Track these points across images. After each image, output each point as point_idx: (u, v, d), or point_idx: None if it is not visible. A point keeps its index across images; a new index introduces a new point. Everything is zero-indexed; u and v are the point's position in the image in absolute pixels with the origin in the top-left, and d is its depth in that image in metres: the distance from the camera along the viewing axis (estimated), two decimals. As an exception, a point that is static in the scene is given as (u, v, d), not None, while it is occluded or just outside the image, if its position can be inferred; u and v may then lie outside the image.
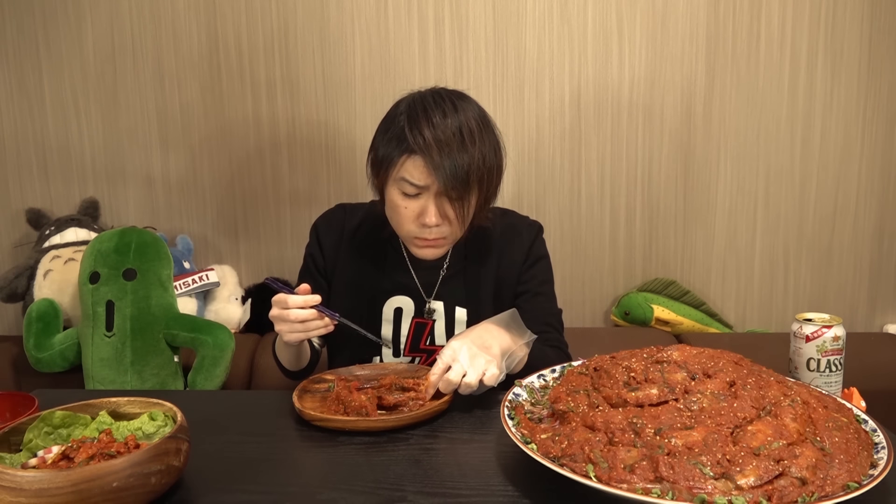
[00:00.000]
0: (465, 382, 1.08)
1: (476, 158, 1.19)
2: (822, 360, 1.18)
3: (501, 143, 1.27)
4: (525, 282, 1.39)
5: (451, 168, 1.16)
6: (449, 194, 1.19)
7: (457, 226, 1.25)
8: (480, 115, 1.24)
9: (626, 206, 2.40)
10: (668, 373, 0.91)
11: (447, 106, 1.20)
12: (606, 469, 0.78)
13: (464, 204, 1.21)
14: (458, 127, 1.18)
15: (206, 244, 2.42)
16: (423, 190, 1.21)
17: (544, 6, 2.29)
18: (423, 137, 1.17)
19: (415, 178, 1.19)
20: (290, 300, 1.17)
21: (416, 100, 1.23)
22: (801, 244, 2.42)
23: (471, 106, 1.24)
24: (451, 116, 1.19)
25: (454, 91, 1.27)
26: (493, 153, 1.23)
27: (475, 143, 1.19)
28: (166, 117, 2.36)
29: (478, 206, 1.25)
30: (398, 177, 1.21)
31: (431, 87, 1.27)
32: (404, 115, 1.21)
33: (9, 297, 2.13)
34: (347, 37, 2.31)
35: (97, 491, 0.76)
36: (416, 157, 1.18)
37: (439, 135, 1.17)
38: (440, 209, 1.22)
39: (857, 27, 2.29)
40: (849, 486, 0.76)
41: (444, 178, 1.17)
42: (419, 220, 1.23)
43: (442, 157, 1.16)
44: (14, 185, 2.39)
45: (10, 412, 1.07)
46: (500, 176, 1.28)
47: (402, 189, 1.22)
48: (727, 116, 2.34)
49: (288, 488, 0.89)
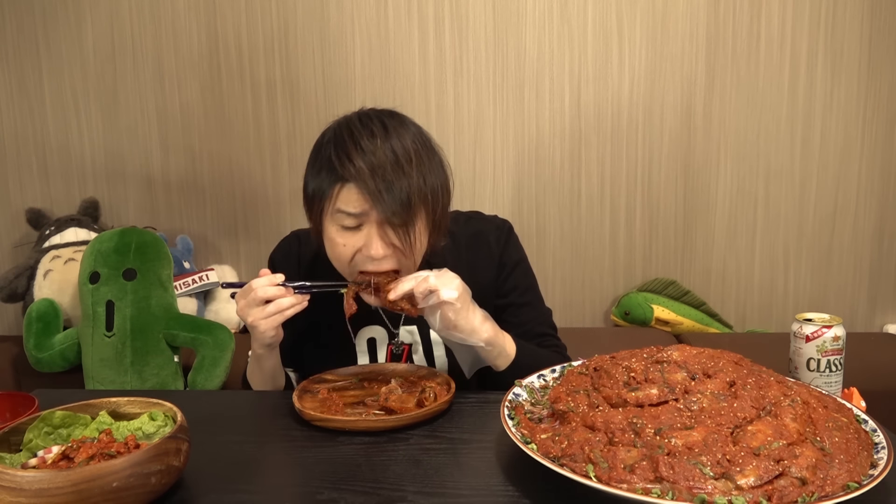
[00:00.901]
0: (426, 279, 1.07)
1: (416, 179, 1.09)
2: (822, 360, 1.18)
3: (444, 160, 1.18)
4: (506, 294, 1.31)
5: (389, 192, 1.07)
6: (391, 221, 1.09)
7: (408, 256, 1.14)
8: (416, 135, 1.15)
9: (626, 206, 2.40)
10: (668, 373, 0.91)
11: (376, 127, 1.12)
12: (606, 469, 0.78)
13: (409, 231, 1.11)
14: (391, 148, 1.09)
15: (206, 244, 2.42)
16: (362, 219, 1.11)
17: (544, 6, 2.29)
18: (353, 164, 1.08)
19: (351, 208, 1.09)
20: (253, 283, 1.10)
21: (342, 125, 1.14)
22: (801, 244, 2.42)
23: (404, 126, 1.15)
24: (380, 138, 1.10)
25: (384, 111, 1.18)
26: (434, 173, 1.14)
27: (412, 164, 1.10)
28: (166, 117, 2.36)
29: (428, 232, 1.15)
30: (333, 210, 1.11)
31: (359, 110, 1.18)
32: (331, 144, 1.12)
33: (9, 297, 2.13)
34: (347, 37, 2.31)
35: (97, 491, 0.76)
36: (348, 185, 1.09)
37: (370, 159, 1.08)
38: (385, 239, 1.11)
39: (857, 27, 2.29)
40: (849, 486, 0.76)
41: (383, 203, 1.07)
42: (363, 253, 1.12)
43: (377, 182, 1.07)
44: (14, 185, 2.39)
45: (10, 412, 1.07)
46: (447, 197, 1.18)
47: (339, 223, 1.12)
48: (727, 116, 2.34)
49: (288, 488, 0.89)
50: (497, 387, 1.19)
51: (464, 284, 1.11)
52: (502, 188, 2.39)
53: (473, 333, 1.12)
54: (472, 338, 1.12)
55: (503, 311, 1.31)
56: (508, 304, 1.32)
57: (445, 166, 1.18)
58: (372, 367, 1.29)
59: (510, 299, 1.32)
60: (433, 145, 1.18)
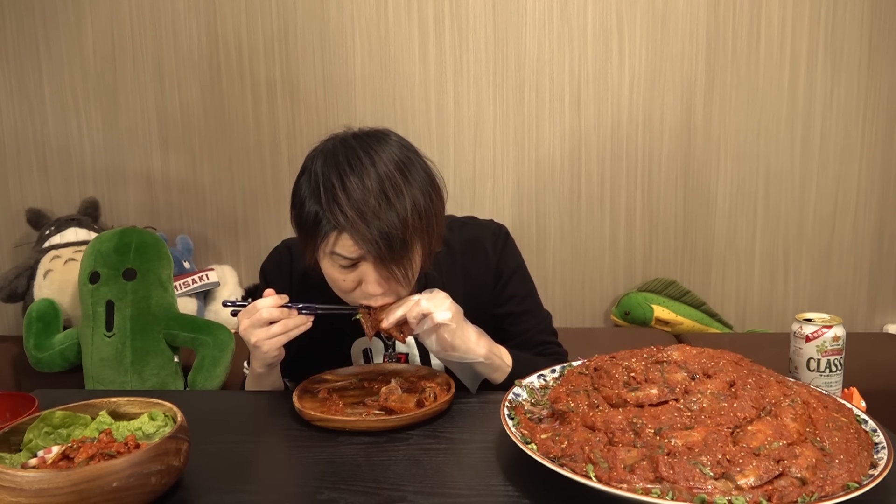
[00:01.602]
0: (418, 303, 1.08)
1: (409, 212, 1.07)
2: (822, 360, 1.18)
3: (434, 177, 1.15)
4: (503, 303, 1.30)
5: (383, 236, 1.05)
6: (385, 261, 1.08)
7: (404, 285, 1.14)
8: (401, 158, 1.11)
9: (626, 206, 2.40)
10: (668, 373, 0.91)
11: (364, 162, 1.08)
12: (606, 469, 0.78)
13: (405, 264, 1.10)
14: (380, 185, 1.06)
15: (206, 244, 2.42)
16: (359, 260, 1.10)
17: (544, 6, 2.29)
18: (345, 214, 1.05)
19: (347, 252, 1.08)
20: (258, 303, 1.09)
21: (329, 163, 1.10)
22: (801, 244, 2.42)
23: (388, 148, 1.11)
24: (367, 176, 1.07)
25: (368, 134, 1.14)
26: (424, 196, 1.11)
27: (401, 195, 1.07)
28: (166, 117, 2.36)
29: (423, 253, 1.14)
30: (329, 252, 1.10)
31: (343, 135, 1.15)
32: (321, 189, 1.08)
33: (9, 297, 2.13)
34: (347, 37, 2.31)
35: (97, 491, 0.76)
36: (343, 234, 1.07)
37: (361, 206, 1.05)
38: (382, 276, 1.11)
39: (857, 27, 2.29)
40: (849, 486, 0.76)
41: (378, 249, 1.06)
42: (362, 290, 1.13)
43: (370, 228, 1.05)
44: (14, 185, 2.39)
45: (10, 412, 1.07)
46: (440, 218, 1.15)
47: (336, 262, 1.11)
48: (727, 116, 2.34)
49: (288, 488, 0.89)
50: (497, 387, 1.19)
51: (455, 304, 1.12)
52: (502, 188, 2.39)
53: (470, 351, 1.13)
54: (469, 355, 1.13)
55: (502, 321, 1.30)
56: (507, 314, 1.30)
57: (437, 181, 1.16)
58: (372, 367, 1.29)
59: (508, 308, 1.30)
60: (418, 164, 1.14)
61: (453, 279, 1.22)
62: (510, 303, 1.30)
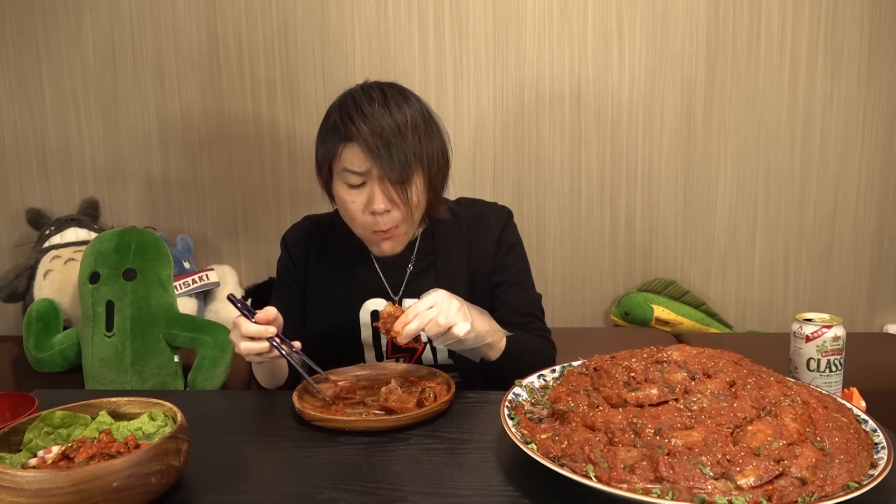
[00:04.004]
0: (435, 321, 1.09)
1: (412, 141, 1.21)
2: (822, 360, 1.18)
3: (443, 130, 1.30)
4: (500, 271, 1.38)
5: (387, 150, 1.18)
6: (390, 177, 1.21)
7: (406, 211, 1.25)
8: (416, 106, 1.26)
9: (626, 206, 2.40)
10: (668, 373, 0.91)
11: (376, 94, 1.23)
12: (606, 469, 0.78)
13: (407, 187, 1.22)
14: (391, 114, 1.21)
15: (206, 244, 2.42)
16: (365, 177, 1.22)
17: (544, 6, 2.29)
18: (356, 125, 1.19)
19: (354, 166, 1.21)
20: (242, 327, 1.13)
21: (347, 94, 1.27)
22: (801, 244, 2.42)
23: (404, 97, 1.26)
24: (380, 104, 1.21)
25: (387, 83, 1.29)
26: (431, 141, 1.25)
27: (409, 130, 1.21)
28: (166, 117, 2.36)
29: (427, 192, 1.27)
30: (339, 169, 1.23)
31: (363, 82, 1.30)
32: (336, 111, 1.25)
33: (9, 297, 2.13)
34: (347, 37, 2.31)
35: (97, 491, 0.76)
36: (351, 144, 1.20)
37: (371, 121, 1.19)
38: (386, 194, 1.22)
39: (857, 27, 2.29)
40: (849, 486, 0.76)
41: (382, 160, 1.18)
42: (368, 209, 1.23)
43: (376, 140, 1.18)
44: (14, 185, 2.39)
45: (10, 412, 1.07)
46: (446, 163, 1.30)
47: (345, 181, 1.23)
48: (727, 116, 2.34)
49: (288, 488, 0.89)
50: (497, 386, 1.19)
51: (460, 301, 1.15)
52: (502, 188, 2.39)
53: (482, 339, 1.19)
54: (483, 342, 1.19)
55: (496, 288, 1.38)
56: (501, 282, 1.38)
57: (444, 135, 1.30)
58: (372, 366, 1.29)
59: (504, 276, 1.38)
60: (432, 116, 1.29)
61: (459, 246, 1.35)
62: (506, 272, 1.38)
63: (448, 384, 1.15)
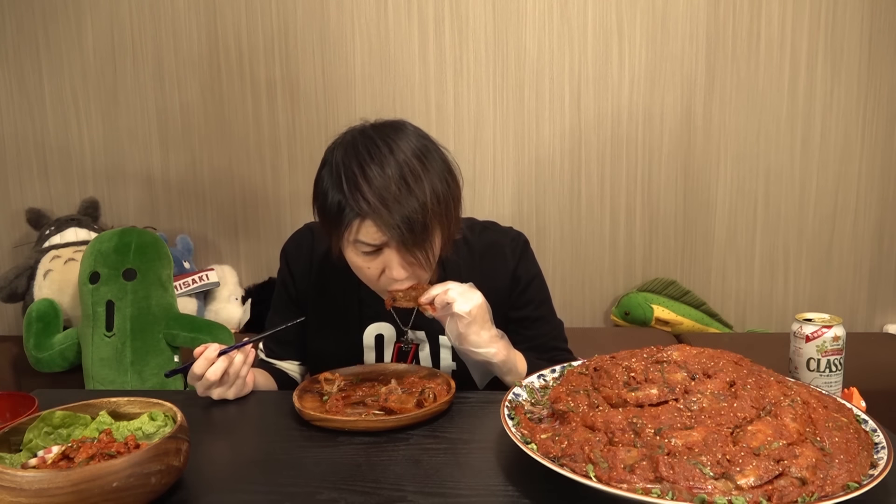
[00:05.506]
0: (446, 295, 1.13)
1: (428, 197, 1.11)
2: (822, 360, 1.18)
3: (450, 164, 1.19)
4: (520, 307, 1.33)
5: (405, 221, 1.09)
6: (408, 245, 1.12)
7: (426, 269, 1.18)
8: (419, 147, 1.15)
9: (626, 206, 2.40)
10: (668, 373, 0.91)
11: (383, 151, 1.12)
12: (606, 469, 0.78)
13: (427, 248, 1.15)
14: (399, 173, 1.10)
15: (206, 244, 2.42)
16: (382, 247, 1.14)
17: (544, 6, 2.29)
18: (367, 201, 1.09)
19: (371, 239, 1.12)
20: (195, 368, 1.13)
21: (349, 154, 1.14)
22: (801, 244, 2.42)
23: (405, 137, 1.15)
24: (387, 164, 1.11)
25: (385, 125, 1.18)
26: (442, 182, 1.15)
27: (420, 181, 1.11)
28: (166, 117, 2.36)
29: (442, 238, 1.18)
30: (352, 240, 1.14)
31: (361, 127, 1.19)
32: (342, 179, 1.12)
33: (9, 297, 2.13)
34: (347, 37, 2.31)
35: (97, 491, 0.76)
36: (366, 220, 1.11)
37: (383, 193, 1.09)
38: (404, 260, 1.14)
39: (857, 27, 2.29)
40: (849, 486, 0.76)
41: (400, 234, 1.10)
42: (386, 276, 1.17)
43: (392, 214, 1.09)
44: (14, 185, 2.39)
45: (10, 412, 1.07)
46: (457, 203, 1.20)
47: (360, 249, 1.15)
48: (727, 116, 2.34)
49: (288, 488, 0.89)
50: (497, 387, 1.19)
51: (485, 304, 1.16)
52: (502, 188, 2.39)
53: (480, 346, 1.17)
54: (480, 350, 1.17)
55: (518, 324, 1.33)
56: (524, 318, 1.34)
57: (454, 169, 1.20)
58: (372, 366, 1.29)
59: (525, 312, 1.34)
60: (436, 152, 1.18)
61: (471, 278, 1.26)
62: (527, 308, 1.34)
63: (448, 385, 1.15)
